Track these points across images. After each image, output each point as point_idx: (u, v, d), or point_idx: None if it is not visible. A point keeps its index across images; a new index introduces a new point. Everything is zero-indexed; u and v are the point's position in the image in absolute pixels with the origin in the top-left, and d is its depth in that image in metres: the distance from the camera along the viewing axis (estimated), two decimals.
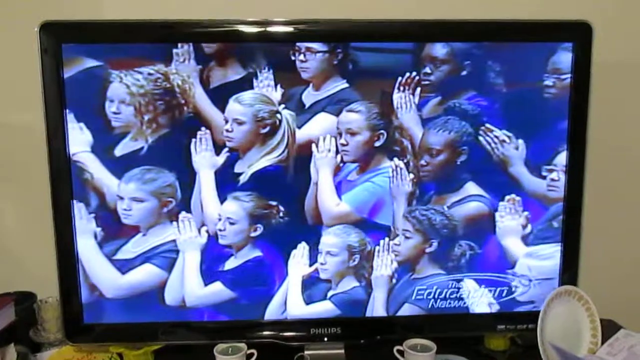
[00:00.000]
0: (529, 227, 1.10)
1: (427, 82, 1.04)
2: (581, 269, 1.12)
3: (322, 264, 1.08)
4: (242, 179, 1.05)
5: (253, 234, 1.06)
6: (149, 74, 1.01)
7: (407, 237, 1.08)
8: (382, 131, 1.05)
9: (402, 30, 1.06)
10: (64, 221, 1.06)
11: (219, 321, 1.10)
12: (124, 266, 1.07)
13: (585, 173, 1.06)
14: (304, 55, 1.02)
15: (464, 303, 1.12)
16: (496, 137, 1.07)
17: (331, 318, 1.09)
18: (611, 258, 1.31)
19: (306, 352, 1.07)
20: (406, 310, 1.11)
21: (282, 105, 1.02)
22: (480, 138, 1.07)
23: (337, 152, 1.05)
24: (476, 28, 1.06)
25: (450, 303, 1.12)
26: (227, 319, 1.09)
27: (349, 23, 1.04)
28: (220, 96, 1.02)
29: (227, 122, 1.03)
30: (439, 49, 1.03)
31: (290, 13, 1.05)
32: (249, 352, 1.06)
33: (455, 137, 1.06)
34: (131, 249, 1.07)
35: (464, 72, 1.05)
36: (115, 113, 1.02)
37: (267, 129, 1.04)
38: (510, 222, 1.10)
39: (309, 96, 1.04)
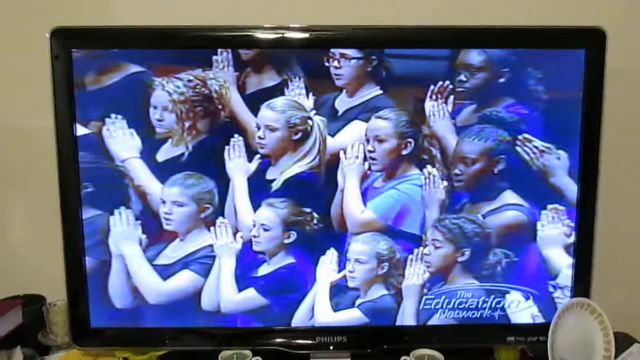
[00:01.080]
0: (573, 237, 1.14)
1: (461, 90, 1.11)
2: (594, 281, 1.17)
3: (350, 271, 1.15)
4: (275, 185, 1.13)
5: (287, 241, 1.13)
6: (189, 80, 1.09)
7: (437, 247, 1.14)
8: (409, 139, 1.11)
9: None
10: (72, 225, 1.13)
11: (225, 327, 1.18)
12: (164, 272, 1.16)
13: (598, 182, 1.07)
14: (338, 62, 1.09)
15: (499, 313, 1.18)
16: (535, 147, 1.11)
17: (337, 327, 1.18)
18: (626, 270, 1.35)
19: None
20: (436, 320, 1.18)
21: (314, 112, 1.11)
22: (518, 148, 1.12)
23: (365, 159, 1.12)
24: (483, 34, 1.11)
25: (481, 313, 1.18)
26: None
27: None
28: (256, 102, 1.11)
29: (259, 128, 1.10)
30: (474, 56, 1.11)
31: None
32: (254, 359, 1.16)
33: (492, 146, 1.12)
34: (170, 254, 1.15)
35: (501, 80, 1.10)
36: (159, 120, 1.10)
37: (299, 135, 1.11)
38: (552, 231, 1.14)
39: (342, 102, 1.12)
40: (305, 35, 1.09)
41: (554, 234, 1.14)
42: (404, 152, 1.12)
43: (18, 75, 1.31)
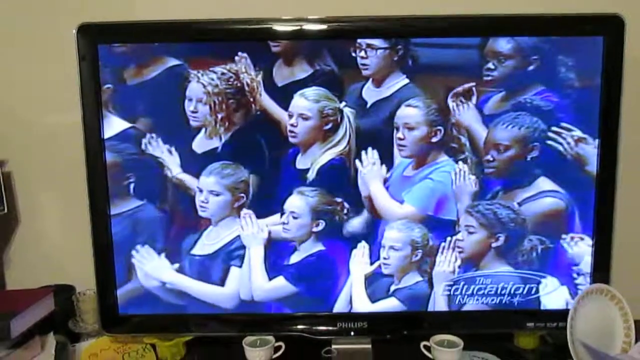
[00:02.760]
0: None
1: (489, 78, 1.12)
2: (615, 268, 1.17)
3: (385, 258, 1.17)
4: (310, 175, 1.16)
5: (315, 229, 1.17)
6: (222, 73, 1.13)
7: (470, 233, 1.15)
8: (439, 127, 1.13)
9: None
10: (100, 217, 1.18)
11: (249, 314, 1.22)
12: (211, 270, 1.19)
13: (617, 169, 1.12)
14: (365, 52, 1.11)
15: (518, 299, 1.20)
16: (571, 135, 1.12)
17: (358, 313, 1.20)
18: None
19: (333, 347, 1.12)
20: (456, 306, 1.20)
21: (344, 103, 1.14)
22: (553, 135, 1.13)
23: (382, 162, 1.14)
24: (500, 22, 1.12)
25: (500, 299, 1.20)
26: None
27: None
28: (287, 93, 1.14)
29: (291, 116, 1.12)
30: (503, 44, 1.11)
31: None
32: (276, 344, 1.19)
33: (526, 133, 1.13)
34: (205, 241, 1.19)
35: (530, 67, 1.11)
36: (193, 112, 1.14)
37: (330, 125, 1.14)
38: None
39: (370, 93, 1.14)
40: (332, 26, 1.12)
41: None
42: (434, 140, 1.14)
43: (47, 72, 1.35)
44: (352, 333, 1.19)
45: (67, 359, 1.22)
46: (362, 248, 1.17)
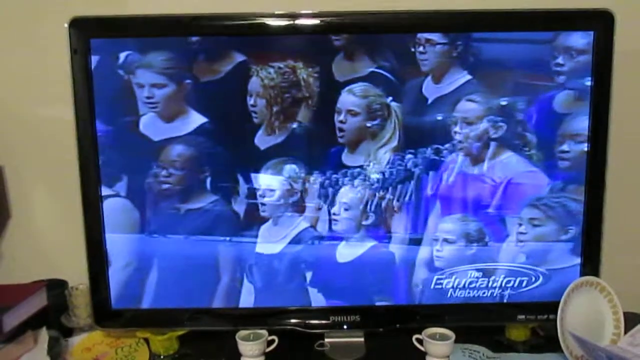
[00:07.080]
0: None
1: (560, 75, 1.12)
2: (606, 261, 1.19)
3: (438, 250, 1.18)
4: (367, 170, 1.16)
5: (365, 222, 1.18)
6: (279, 67, 1.12)
7: (535, 226, 1.16)
8: (501, 124, 1.14)
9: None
10: (93, 212, 1.17)
11: (242, 308, 1.23)
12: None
13: (607, 162, 1.15)
14: (424, 47, 1.13)
15: (509, 292, 1.20)
16: None
17: (351, 306, 1.22)
18: (637, 250, 1.41)
19: (326, 340, 1.14)
20: (448, 298, 1.20)
21: (390, 98, 1.15)
22: None
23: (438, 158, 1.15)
24: (474, 18, 1.14)
25: (491, 292, 1.19)
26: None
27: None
28: (340, 89, 1.14)
29: (340, 113, 1.13)
30: (578, 39, 1.11)
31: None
32: (269, 338, 1.23)
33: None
34: (270, 238, 1.18)
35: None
36: (252, 106, 1.14)
37: (377, 121, 1.15)
38: None
39: (430, 89, 1.15)
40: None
41: None
42: (494, 135, 1.15)
43: (40, 65, 1.34)
44: (345, 326, 1.22)
45: (60, 353, 1.23)
46: (417, 235, 1.17)
